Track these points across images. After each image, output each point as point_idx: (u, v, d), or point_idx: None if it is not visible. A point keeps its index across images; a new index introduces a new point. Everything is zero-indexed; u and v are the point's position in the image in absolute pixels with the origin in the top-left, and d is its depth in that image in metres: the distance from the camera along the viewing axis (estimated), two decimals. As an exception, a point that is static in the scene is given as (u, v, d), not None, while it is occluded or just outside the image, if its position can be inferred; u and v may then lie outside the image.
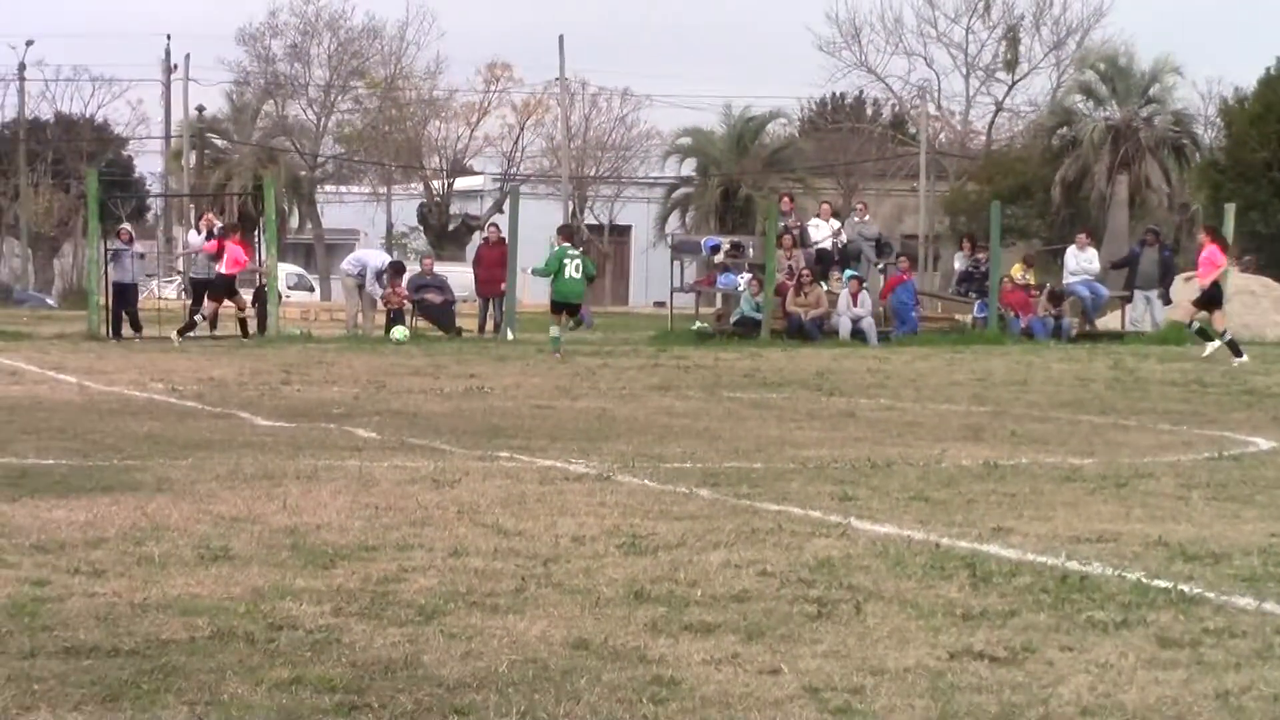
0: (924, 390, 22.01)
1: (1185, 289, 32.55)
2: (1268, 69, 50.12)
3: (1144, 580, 8.51)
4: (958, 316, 37.75)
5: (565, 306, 29.11)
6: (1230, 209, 37.20)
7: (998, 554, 9.27)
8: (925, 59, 71.05)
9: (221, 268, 32.21)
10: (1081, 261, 36.95)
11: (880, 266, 37.88)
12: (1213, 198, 49.18)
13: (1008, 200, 49.81)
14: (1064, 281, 37.18)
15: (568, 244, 29.57)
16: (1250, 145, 47.77)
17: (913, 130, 70.57)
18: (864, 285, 34.96)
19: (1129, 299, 37.15)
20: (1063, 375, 24.56)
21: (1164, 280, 36.30)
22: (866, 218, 39.38)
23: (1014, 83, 69.87)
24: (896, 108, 74.02)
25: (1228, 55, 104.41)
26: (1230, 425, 17.49)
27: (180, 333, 31.43)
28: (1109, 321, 37.93)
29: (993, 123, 70.72)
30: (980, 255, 37.33)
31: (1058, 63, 69.18)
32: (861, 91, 74.74)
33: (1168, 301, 35.96)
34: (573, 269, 28.53)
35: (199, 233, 35.61)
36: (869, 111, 75.30)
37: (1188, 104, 58.82)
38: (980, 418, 18.03)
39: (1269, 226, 47.09)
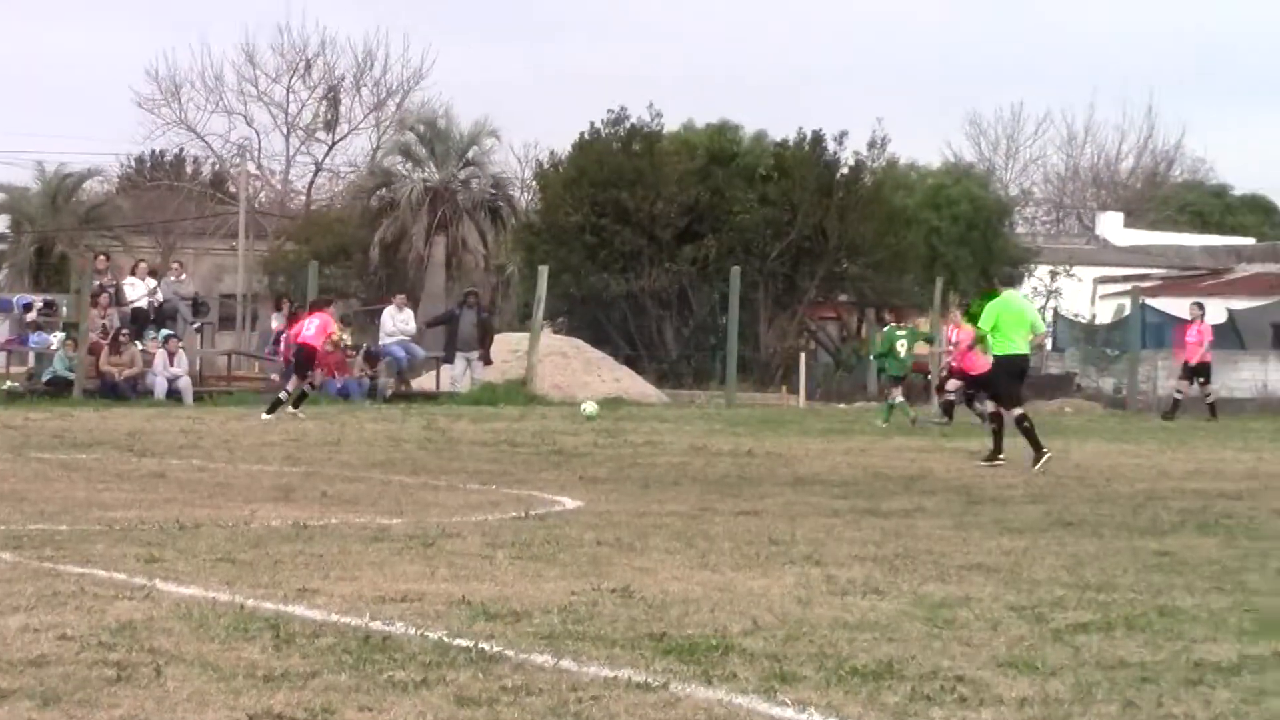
0: (237, 451, 21.85)
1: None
2: (581, 134, 51.85)
3: (445, 639, 8.65)
4: (273, 376, 37.68)
5: None
6: (544, 271, 38.38)
7: (302, 615, 9.28)
8: (245, 117, 70.76)
9: None
10: (398, 322, 37.45)
11: (196, 326, 37.48)
12: (528, 260, 50.60)
13: (326, 260, 50.13)
14: (380, 342, 37.56)
15: None
16: (564, 209, 49.28)
17: (232, 189, 70.14)
18: (180, 344, 34.53)
19: (448, 360, 37.80)
20: (376, 435, 24.78)
21: (483, 342, 37.16)
22: (183, 276, 39.01)
23: (334, 143, 70.34)
24: (217, 166, 73.55)
25: (544, 121, 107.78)
26: (538, 485, 17.96)
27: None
28: (425, 382, 38.52)
29: (313, 183, 70.98)
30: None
31: (378, 124, 69.82)
32: (181, 149, 73.89)
33: (488, 362, 36.84)
34: None
35: None
36: (189, 169, 74.56)
37: (505, 168, 60.35)
38: (292, 478, 18.01)
39: (581, 289, 48.73)
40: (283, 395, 29.28)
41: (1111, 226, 74.83)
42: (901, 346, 32.12)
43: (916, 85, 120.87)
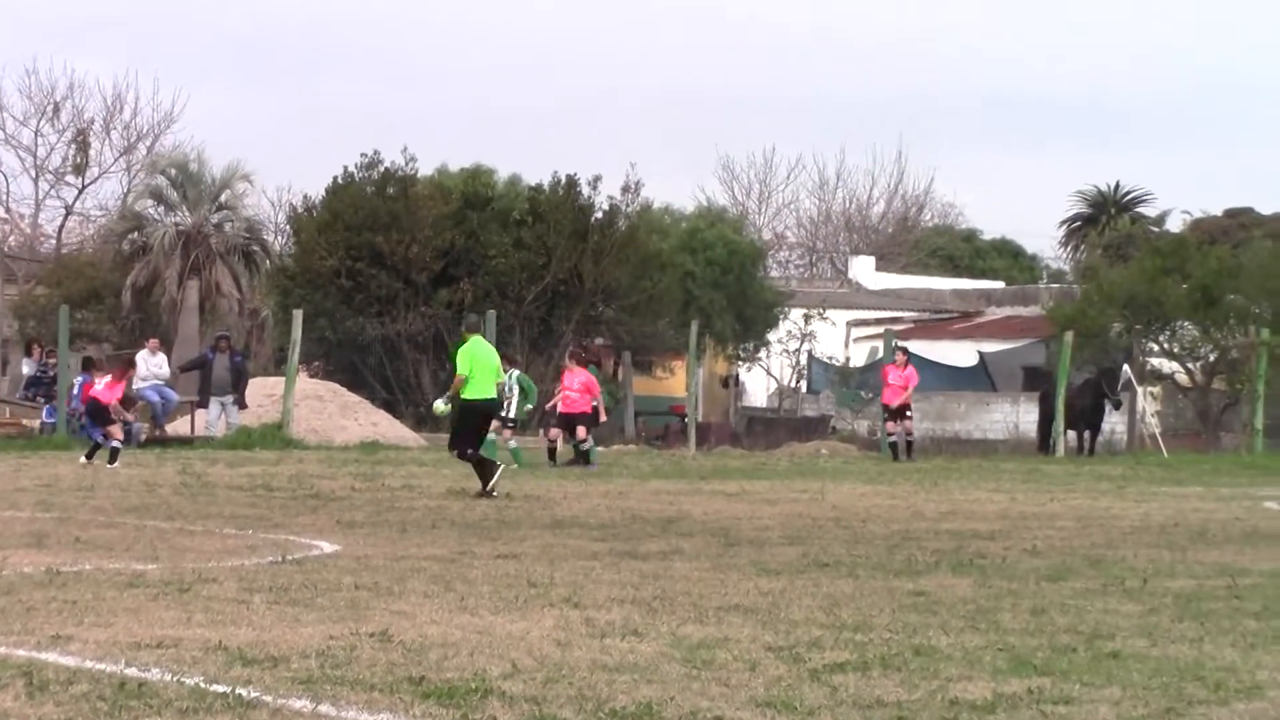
0: (-14, 498, 21.39)
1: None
2: (335, 178, 51.51)
3: (202, 685, 8.56)
4: (25, 421, 36.90)
5: None
6: (298, 315, 38.01)
7: (56, 662, 9.12)
8: (-7, 161, 69.41)
9: None
10: (152, 366, 36.88)
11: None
12: (282, 303, 50.17)
13: (78, 304, 49.24)
14: (134, 387, 36.96)
15: None
16: (319, 253, 48.91)
17: (-21, 232, 68.70)
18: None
19: (202, 404, 37.32)
20: (131, 480, 24.39)
21: (237, 385, 36.78)
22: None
23: (84, 186, 69.13)
24: (-38, 211, 71.97)
25: (297, 165, 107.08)
26: (295, 529, 17.82)
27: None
28: (180, 426, 37.99)
29: (63, 226, 69.77)
30: (50, 360, 36.64)
31: (129, 167, 68.96)
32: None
33: (243, 406, 36.48)
34: None
35: None
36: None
37: (259, 211, 59.87)
38: (45, 524, 17.67)
39: (337, 333, 48.41)
40: (116, 444, 28.69)
41: (864, 270, 76.13)
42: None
43: (669, 128, 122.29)
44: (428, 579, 13.41)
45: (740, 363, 59.99)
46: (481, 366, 23.03)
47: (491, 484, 22.60)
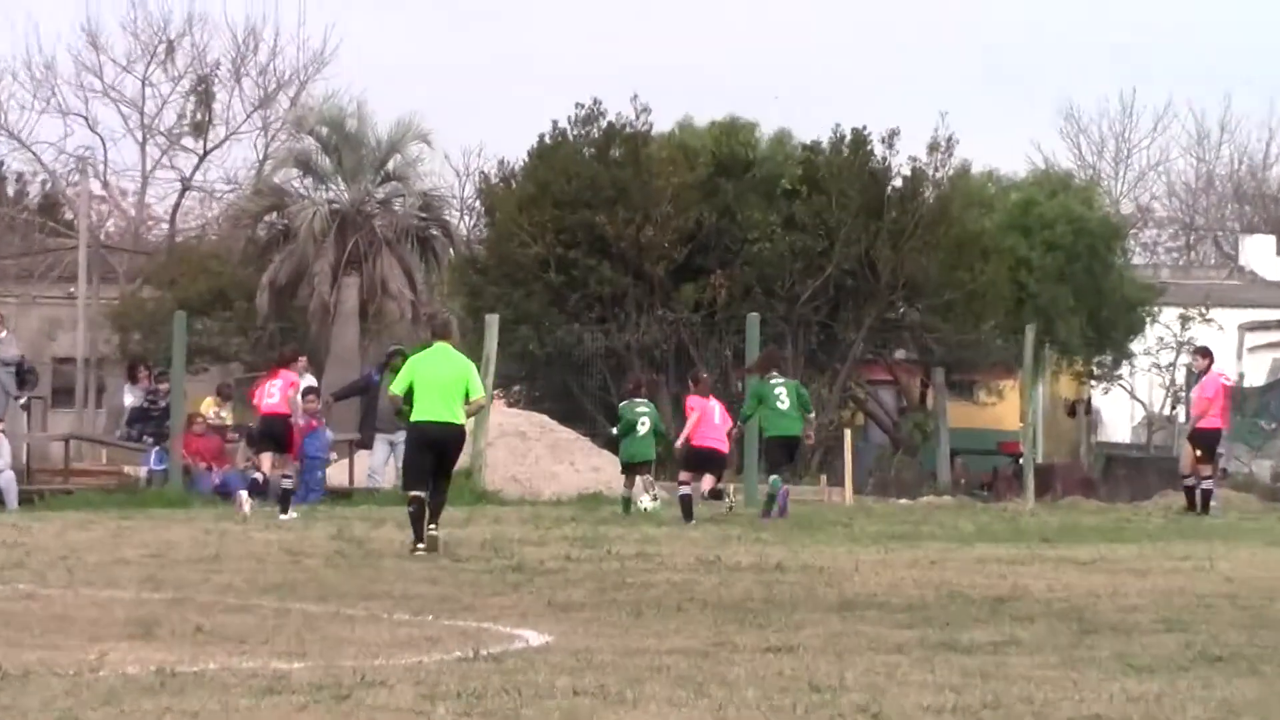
0: (79, 571, 21.75)
1: None
2: (541, 138, 51.79)
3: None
4: (127, 469, 37.61)
5: None
6: (493, 322, 37.61)
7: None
8: (87, 119, 70.59)
9: None
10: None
11: (22, 401, 37.42)
12: (471, 306, 50.41)
13: (197, 310, 50.06)
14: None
15: None
16: (520, 238, 49.11)
17: (69, 215, 69.98)
18: (2, 427, 34.47)
19: (364, 444, 37.65)
20: (268, 548, 24.68)
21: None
22: (2, 334, 38.86)
23: (206, 152, 69.96)
24: (48, 185, 73.38)
25: (490, 121, 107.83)
26: (491, 613, 17.89)
27: None
28: (335, 474, 38.43)
29: (178, 206, 70.61)
30: (160, 386, 37.33)
31: (265, 126, 69.62)
32: (1, 163, 73.81)
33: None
34: None
35: None
36: (10, 190, 74.39)
37: (439, 183, 60.13)
38: (156, 607, 17.92)
39: (545, 346, 48.37)
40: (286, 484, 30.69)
41: (1262, 254, 75.16)
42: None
43: (994, 69, 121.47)
44: (672, 681, 13.37)
45: (1094, 383, 59.51)
46: (424, 381, 24.55)
47: (423, 538, 24.11)
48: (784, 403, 31.68)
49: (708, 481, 31.46)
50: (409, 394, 24.57)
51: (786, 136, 52.31)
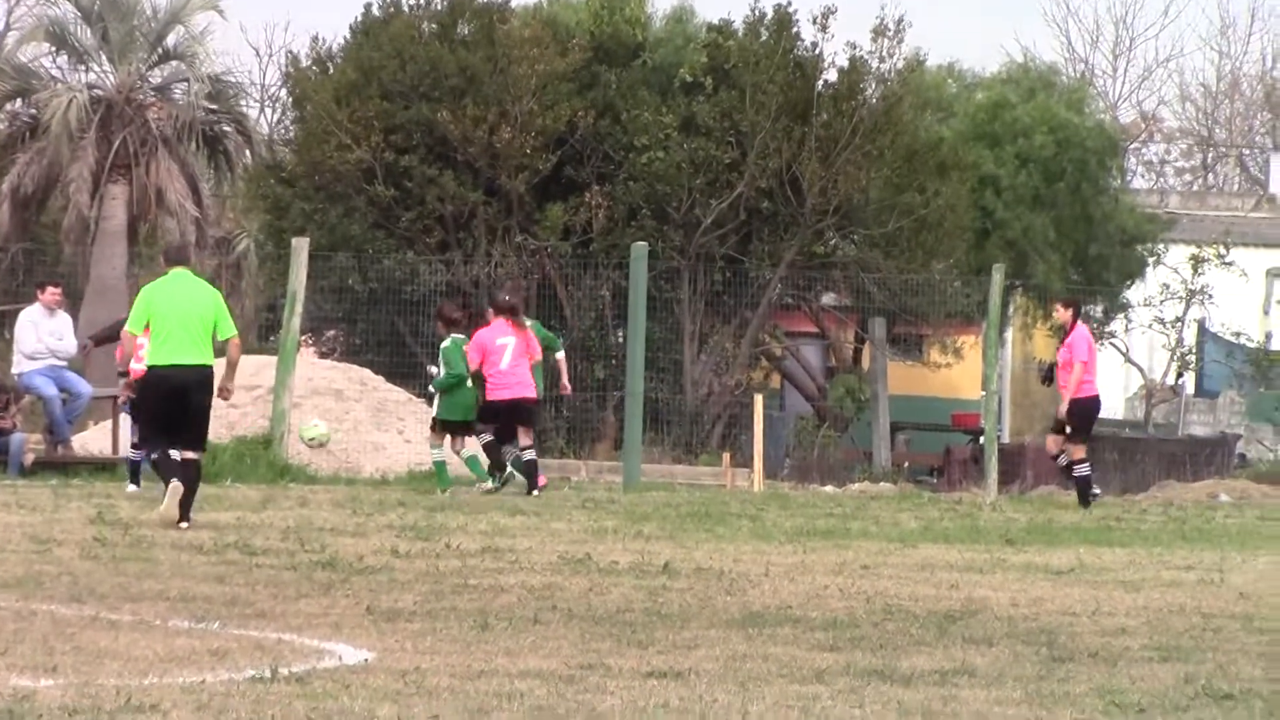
0: None
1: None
2: (367, 7, 51.60)
3: None
4: None
5: None
6: (301, 247, 37.35)
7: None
8: None
9: None
10: (46, 334, 36.68)
11: None
12: (274, 227, 50.30)
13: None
14: (15, 369, 37.19)
15: None
16: (337, 138, 48.97)
17: None
18: None
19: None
20: (10, 533, 24.69)
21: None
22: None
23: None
24: None
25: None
26: (295, 621, 17.95)
27: None
28: (95, 439, 38.37)
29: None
30: None
31: (6, -8, 69.58)
32: None
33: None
34: None
35: None
36: None
37: (233, 65, 60.12)
38: None
39: (368, 280, 48.33)
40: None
41: (1294, 179, 75.75)
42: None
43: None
44: (526, 712, 13.50)
45: (1078, 340, 59.82)
46: (162, 317, 25.36)
47: (169, 509, 25.43)
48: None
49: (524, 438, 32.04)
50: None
51: (687, 14, 52.55)
